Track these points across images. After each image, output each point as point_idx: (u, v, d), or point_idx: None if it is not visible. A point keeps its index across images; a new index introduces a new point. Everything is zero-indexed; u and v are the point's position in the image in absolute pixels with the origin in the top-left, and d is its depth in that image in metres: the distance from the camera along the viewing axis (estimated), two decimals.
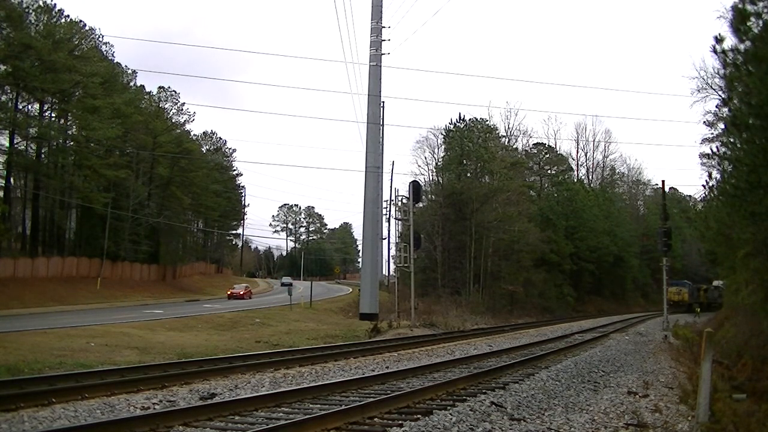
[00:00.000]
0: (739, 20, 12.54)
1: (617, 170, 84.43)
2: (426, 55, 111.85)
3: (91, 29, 48.79)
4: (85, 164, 45.35)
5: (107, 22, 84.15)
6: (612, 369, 12.79)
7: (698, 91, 33.43)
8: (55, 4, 44.44)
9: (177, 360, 13.75)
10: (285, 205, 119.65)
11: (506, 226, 47.48)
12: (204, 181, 63.31)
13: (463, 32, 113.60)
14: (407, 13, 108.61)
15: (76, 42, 45.63)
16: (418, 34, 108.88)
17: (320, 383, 9.64)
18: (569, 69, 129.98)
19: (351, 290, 59.94)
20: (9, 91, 41.71)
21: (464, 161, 51.10)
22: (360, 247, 40.25)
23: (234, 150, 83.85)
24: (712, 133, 29.71)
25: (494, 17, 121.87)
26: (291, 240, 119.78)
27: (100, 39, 50.68)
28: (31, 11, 42.79)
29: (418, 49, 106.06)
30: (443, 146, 51.95)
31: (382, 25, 35.66)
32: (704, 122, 42.10)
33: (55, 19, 44.41)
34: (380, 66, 35.64)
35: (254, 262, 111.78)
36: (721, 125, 22.70)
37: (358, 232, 44.60)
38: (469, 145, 50.91)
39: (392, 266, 37.53)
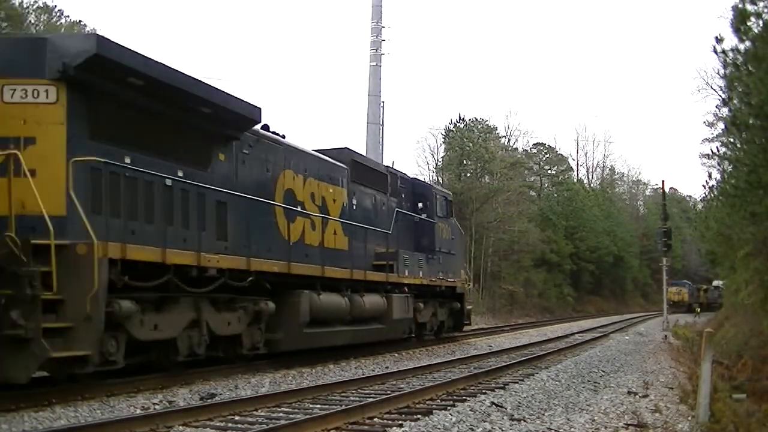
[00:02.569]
0: (739, 20, 12.56)
1: (617, 170, 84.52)
2: (426, 55, 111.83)
3: (92, 30, 48.86)
4: None
5: (107, 22, 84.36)
6: (612, 369, 12.80)
7: (698, 91, 33.48)
8: (55, 5, 44.49)
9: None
10: None
11: (506, 227, 47.50)
12: None
13: (464, 32, 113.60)
14: (407, 13, 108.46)
15: None
16: (418, 34, 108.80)
17: (320, 383, 9.64)
18: (569, 69, 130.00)
19: None
20: None
21: (464, 161, 51.10)
22: None
23: None
24: (712, 133, 29.75)
25: (494, 17, 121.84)
26: None
27: None
28: (30, 11, 42.82)
29: (418, 49, 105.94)
30: (443, 146, 52.03)
31: (382, 25, 35.68)
32: (704, 122, 42.21)
33: (54, 19, 44.41)
34: (380, 66, 35.68)
35: None
36: (721, 125, 22.73)
37: None
38: (469, 145, 50.93)
39: None
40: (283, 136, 12.87)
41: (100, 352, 8.18)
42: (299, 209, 12.53)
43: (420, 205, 17.67)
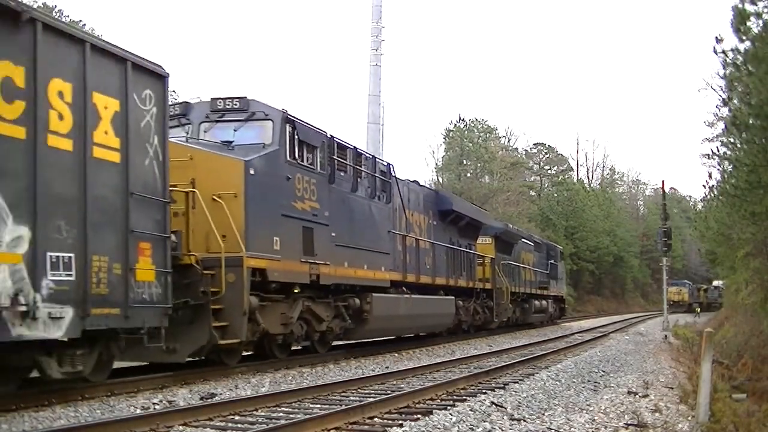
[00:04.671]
0: (739, 20, 12.56)
1: (617, 170, 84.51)
2: (426, 56, 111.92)
3: (91, 30, 48.85)
4: None
5: (107, 22, 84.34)
6: (612, 369, 12.80)
7: (698, 91, 33.59)
8: (55, 5, 44.47)
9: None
10: None
11: None
12: None
13: (464, 32, 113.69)
14: (408, 13, 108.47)
15: None
16: (419, 34, 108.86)
17: (320, 383, 9.63)
18: (570, 69, 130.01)
19: None
20: None
21: (464, 161, 51.15)
22: None
23: None
24: (712, 133, 29.71)
25: (495, 17, 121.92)
26: None
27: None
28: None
29: (419, 50, 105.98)
30: (443, 146, 52.06)
31: (382, 25, 35.69)
32: (704, 122, 42.23)
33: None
34: (380, 66, 35.73)
35: None
36: (721, 125, 22.72)
37: None
38: (469, 145, 50.96)
39: None
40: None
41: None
42: (526, 266, 28.77)
43: (550, 254, 34.07)
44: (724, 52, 13.14)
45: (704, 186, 24.91)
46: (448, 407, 7.85)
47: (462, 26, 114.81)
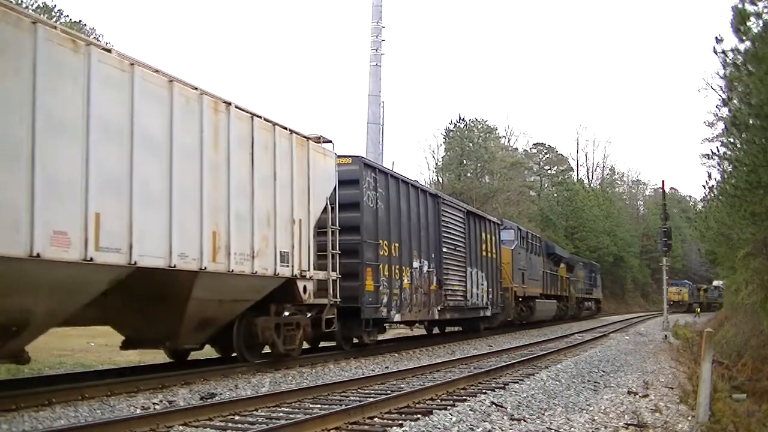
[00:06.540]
0: (739, 20, 12.56)
1: (617, 170, 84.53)
2: (426, 55, 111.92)
3: (92, 29, 48.77)
4: None
5: (107, 22, 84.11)
6: (612, 369, 12.79)
7: (698, 91, 33.66)
8: (54, 5, 44.48)
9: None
10: None
11: None
12: None
13: (464, 32, 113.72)
14: (408, 13, 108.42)
15: None
16: (419, 34, 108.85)
17: (320, 383, 9.62)
18: (570, 69, 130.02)
19: None
20: None
21: (464, 161, 51.13)
22: None
23: None
24: (712, 133, 29.79)
25: (495, 17, 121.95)
26: None
27: (100, 39, 50.64)
28: (30, 11, 42.67)
29: (419, 49, 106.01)
30: (443, 146, 52.06)
31: (382, 25, 35.72)
32: (704, 122, 42.27)
33: (54, 19, 44.36)
34: (380, 66, 35.78)
35: None
36: (721, 125, 22.74)
37: None
38: (469, 145, 50.95)
39: None
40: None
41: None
42: (579, 280, 41.43)
43: (592, 269, 46.57)
44: (724, 52, 13.14)
45: (704, 186, 24.96)
46: (448, 407, 7.85)
47: (461, 26, 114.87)
